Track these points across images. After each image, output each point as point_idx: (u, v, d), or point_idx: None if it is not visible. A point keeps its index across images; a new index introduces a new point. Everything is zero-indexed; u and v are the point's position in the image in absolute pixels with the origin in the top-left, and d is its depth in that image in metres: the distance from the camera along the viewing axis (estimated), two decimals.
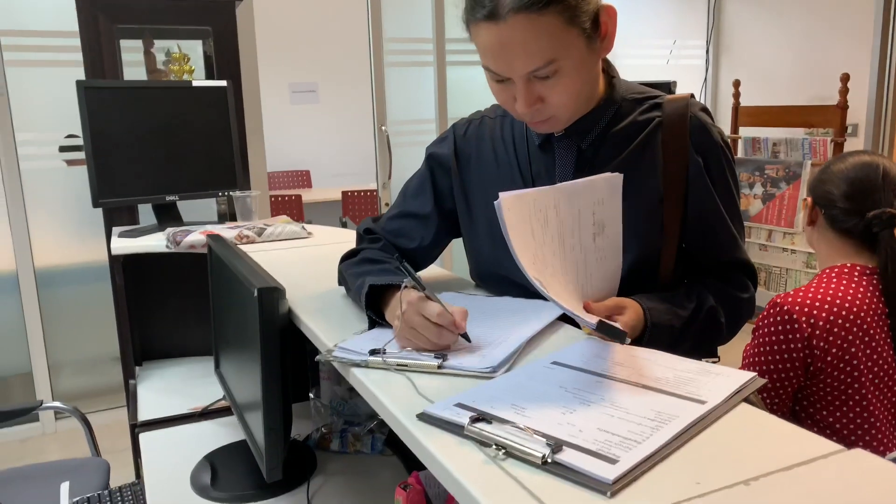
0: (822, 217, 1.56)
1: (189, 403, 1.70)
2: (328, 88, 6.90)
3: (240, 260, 1.32)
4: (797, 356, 1.45)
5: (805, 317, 1.44)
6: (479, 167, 1.20)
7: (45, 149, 3.13)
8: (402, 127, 3.87)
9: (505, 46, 0.96)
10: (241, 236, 1.75)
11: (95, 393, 3.41)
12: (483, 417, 0.72)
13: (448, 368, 0.87)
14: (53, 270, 3.25)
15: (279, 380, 1.13)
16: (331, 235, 1.89)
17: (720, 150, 1.11)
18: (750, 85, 4.33)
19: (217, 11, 2.18)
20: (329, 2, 6.71)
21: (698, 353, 1.18)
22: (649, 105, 1.12)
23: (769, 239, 4.04)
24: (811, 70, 4.17)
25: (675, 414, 0.72)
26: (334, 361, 0.95)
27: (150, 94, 1.94)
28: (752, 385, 0.80)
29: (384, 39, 3.73)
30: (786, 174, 3.91)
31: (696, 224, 1.11)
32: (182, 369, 1.97)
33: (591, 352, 0.91)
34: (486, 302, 1.15)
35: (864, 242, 1.52)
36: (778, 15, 4.33)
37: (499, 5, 0.94)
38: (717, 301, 1.11)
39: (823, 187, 1.56)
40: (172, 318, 2.07)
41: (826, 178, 1.56)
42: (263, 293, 1.10)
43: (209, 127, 1.99)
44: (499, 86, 1.03)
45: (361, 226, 1.29)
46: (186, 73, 2.28)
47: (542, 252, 0.89)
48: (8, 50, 2.98)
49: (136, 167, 1.92)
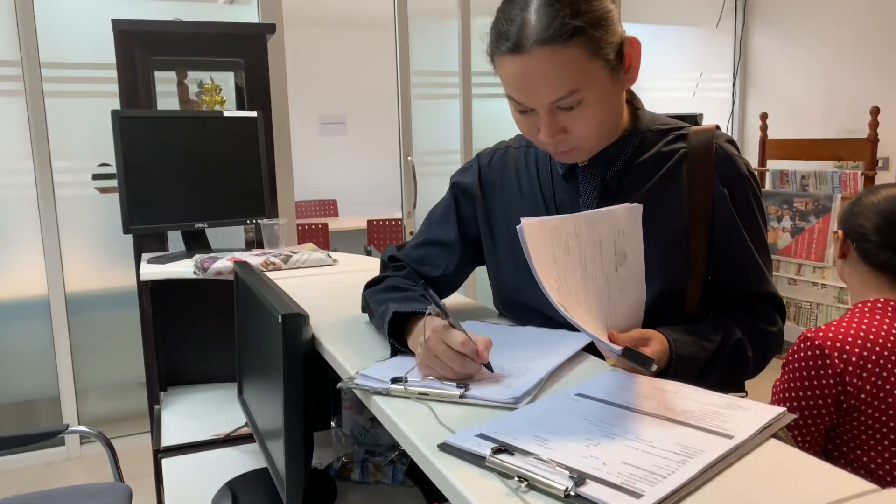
0: (853, 250, 1.54)
1: (212, 430, 1.70)
2: (356, 120, 7.00)
3: (265, 286, 1.33)
4: (829, 392, 1.41)
5: (837, 352, 1.41)
6: (503, 196, 1.21)
7: (80, 176, 3.21)
8: (428, 157, 3.91)
9: (528, 77, 0.97)
10: (267, 263, 1.77)
11: (121, 418, 3.44)
12: (505, 449, 0.71)
13: (470, 398, 0.87)
14: (84, 296, 3.31)
15: (301, 407, 1.13)
16: (355, 263, 1.90)
17: (746, 182, 1.10)
18: (778, 117, 4.30)
19: (248, 44, 2.23)
20: (358, 36, 6.85)
21: (725, 388, 1.16)
22: (674, 136, 1.12)
23: (799, 273, 3.98)
24: (840, 103, 4.14)
25: (702, 448, 0.70)
26: (356, 389, 0.95)
27: (182, 124, 1.98)
28: (781, 420, 0.78)
29: (411, 72, 3.78)
30: (815, 207, 3.85)
31: (723, 256, 1.10)
32: (206, 395, 1.98)
33: (616, 384, 0.90)
34: (510, 331, 1.15)
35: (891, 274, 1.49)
36: (805, 48, 4.31)
37: (523, 38, 0.95)
38: (743, 334, 1.09)
39: (855, 220, 1.53)
40: (198, 344, 2.08)
41: (857, 210, 1.54)
42: (287, 319, 1.10)
43: (239, 156, 2.03)
44: (523, 116, 1.03)
45: (386, 253, 1.30)
46: (218, 103, 2.33)
47: (565, 278, 0.89)
48: (48, 81, 3.07)
49: (166, 194, 1.96)
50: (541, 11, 0.95)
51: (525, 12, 0.96)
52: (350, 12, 6.28)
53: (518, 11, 0.97)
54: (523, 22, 0.95)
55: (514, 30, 0.96)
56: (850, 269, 1.56)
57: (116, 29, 2.14)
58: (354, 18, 6.51)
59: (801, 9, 4.31)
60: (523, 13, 0.96)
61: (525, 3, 0.96)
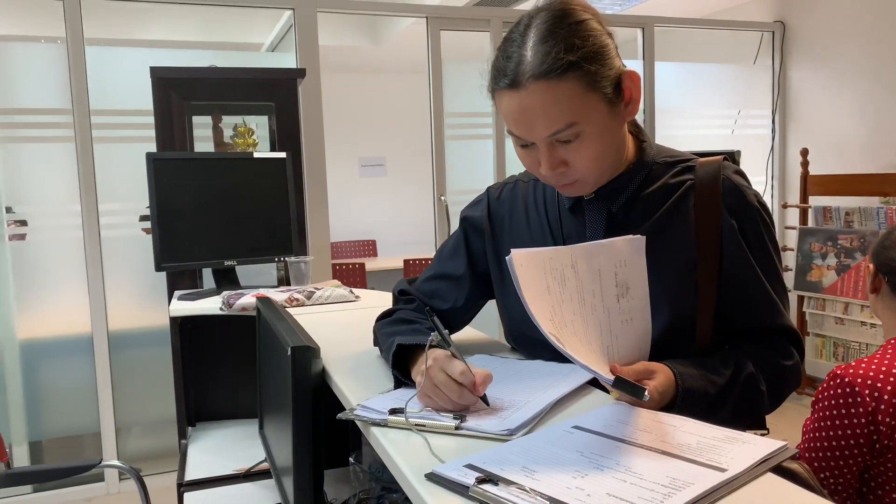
0: (885, 285, 1.49)
1: (234, 465, 1.72)
2: (395, 161, 7.12)
3: (282, 321, 1.35)
4: (861, 432, 1.35)
5: (868, 389, 1.35)
6: (511, 230, 1.21)
7: (124, 218, 3.33)
8: (462, 197, 3.94)
9: (526, 112, 0.98)
10: (291, 299, 1.80)
11: (158, 455, 3.49)
12: (490, 479, 0.70)
13: (465, 430, 0.86)
14: (125, 333, 3.40)
15: (311, 439, 1.14)
16: (378, 299, 1.92)
17: (755, 212, 1.08)
18: (819, 153, 4.22)
19: (279, 88, 2.31)
20: (395, 80, 7.01)
21: (741, 424, 1.12)
22: (681, 168, 1.11)
23: (846, 312, 3.84)
24: (883, 137, 4.04)
25: (691, 481, 0.68)
26: (356, 420, 0.95)
27: (213, 165, 2.06)
28: (780, 454, 0.75)
29: (445, 114, 3.85)
30: (861, 244, 3.74)
31: (732, 288, 1.07)
32: (233, 431, 2.00)
33: (615, 417, 0.88)
34: (517, 365, 1.14)
35: None
36: (845, 81, 4.24)
37: (519, 73, 0.97)
38: (757, 368, 1.06)
39: (887, 254, 1.49)
40: (226, 379, 2.12)
41: (889, 244, 1.49)
42: (296, 351, 1.12)
43: (268, 195, 2.09)
44: (524, 150, 1.05)
45: (397, 287, 1.31)
46: (251, 145, 2.41)
47: (560, 310, 0.88)
48: (96, 128, 3.23)
49: (197, 233, 2.02)
50: (536, 48, 0.97)
51: (522, 49, 0.98)
52: (386, 59, 6.45)
53: (515, 49, 0.99)
54: (520, 58, 0.97)
55: (511, 66, 0.98)
56: (882, 304, 1.51)
57: (154, 76, 2.24)
58: (391, 65, 6.68)
59: (840, 43, 4.26)
60: (520, 50, 0.98)
61: (522, 41, 0.99)
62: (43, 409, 3.33)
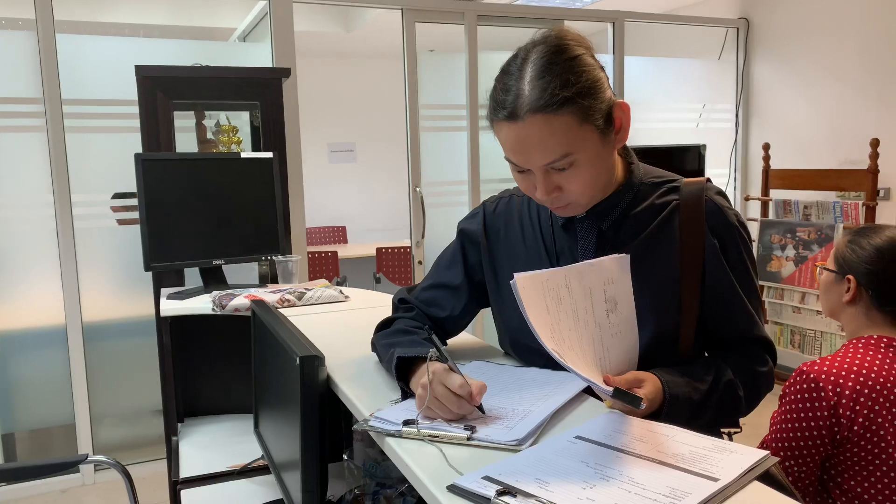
0: (867, 297, 1.57)
1: (229, 461, 1.76)
2: (364, 147, 7.13)
3: (282, 326, 1.40)
4: (823, 424, 1.47)
5: (831, 385, 1.47)
6: (507, 242, 1.28)
7: (98, 209, 3.31)
8: (436, 188, 3.99)
9: (523, 142, 1.05)
10: (282, 300, 1.84)
11: (135, 445, 3.50)
12: (509, 490, 0.77)
13: (476, 440, 0.93)
14: (100, 325, 3.39)
15: (318, 443, 1.20)
16: (366, 299, 1.98)
17: (736, 232, 1.16)
18: (780, 148, 4.38)
19: (265, 87, 2.33)
20: (368, 66, 6.99)
21: (719, 424, 1.22)
22: (667, 188, 1.19)
23: (802, 301, 4.02)
24: (842, 134, 4.21)
25: (689, 491, 0.76)
26: (371, 431, 1.01)
27: (201, 166, 2.08)
28: (765, 463, 0.84)
29: (420, 105, 3.88)
30: (818, 237, 3.91)
31: (714, 303, 1.16)
32: (223, 427, 2.04)
33: (612, 426, 0.96)
34: (514, 372, 1.21)
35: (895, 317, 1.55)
36: (807, 79, 4.40)
37: (517, 107, 1.03)
38: (735, 375, 1.15)
39: (869, 267, 1.56)
40: (214, 376, 2.15)
41: (870, 258, 1.55)
42: (305, 361, 1.17)
43: (255, 195, 2.11)
44: (521, 175, 1.12)
45: (397, 296, 1.37)
46: (234, 143, 2.42)
47: (558, 327, 0.96)
48: (69, 117, 3.19)
49: (186, 233, 2.05)
50: (534, 83, 1.03)
51: (520, 83, 1.04)
52: (357, 45, 6.43)
53: (514, 82, 1.05)
54: (518, 92, 1.03)
55: (509, 99, 1.04)
56: (855, 311, 1.60)
57: (140, 75, 2.24)
58: (362, 51, 6.66)
59: (802, 42, 4.41)
60: (518, 84, 1.04)
61: (520, 75, 1.05)
62: (16, 401, 3.31)
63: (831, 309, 1.66)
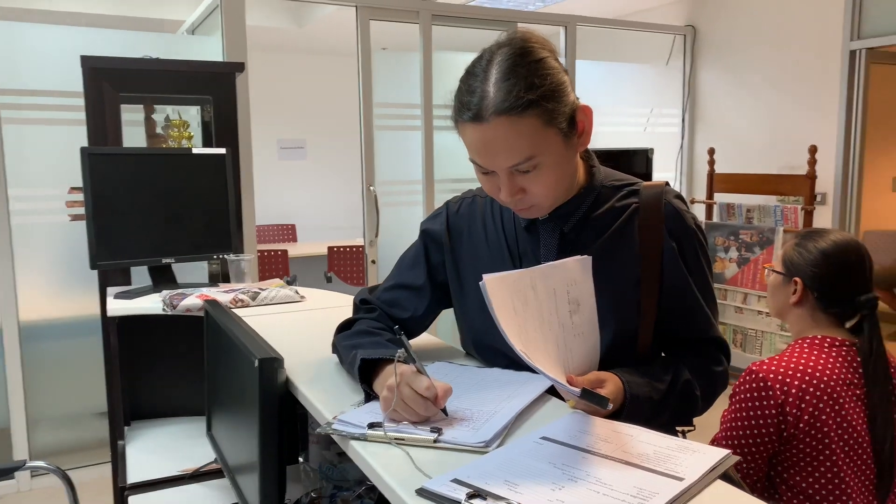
0: (813, 299, 1.63)
1: (179, 465, 1.72)
2: (315, 144, 7.04)
3: (238, 327, 1.37)
4: (771, 422, 1.52)
5: (779, 384, 1.52)
6: (470, 243, 1.28)
7: (38, 204, 3.18)
8: (390, 187, 3.97)
9: (488, 144, 1.05)
10: (235, 300, 1.80)
11: (75, 449, 3.37)
12: (479, 493, 0.77)
13: (443, 442, 0.93)
14: (39, 324, 3.25)
15: (276, 446, 1.18)
16: (322, 299, 1.95)
17: (693, 235, 1.19)
18: (724, 153, 4.51)
19: (218, 82, 2.27)
20: (318, 63, 6.91)
21: (675, 422, 1.24)
22: (627, 192, 1.21)
23: (744, 302, 4.15)
24: (782, 140, 4.36)
25: (656, 491, 0.77)
26: (334, 434, 1.00)
27: (151, 161, 2.01)
28: (726, 462, 0.86)
29: (374, 104, 3.85)
30: (759, 239, 4.04)
31: (671, 303, 1.18)
32: (171, 430, 1.98)
33: (576, 427, 0.97)
34: (477, 373, 1.21)
35: (838, 318, 1.61)
36: (749, 88, 4.54)
37: (482, 108, 1.03)
38: (692, 375, 1.18)
39: (814, 270, 1.61)
40: (161, 377, 2.09)
41: (816, 260, 1.60)
42: (264, 363, 1.15)
43: (207, 192, 2.06)
44: (485, 177, 1.12)
45: (358, 296, 1.36)
46: (185, 138, 2.36)
47: (525, 328, 0.96)
48: (5, 108, 3.05)
49: (134, 230, 1.98)
50: (498, 85, 1.03)
51: (485, 85, 1.04)
52: (309, 41, 6.35)
53: (478, 84, 1.05)
54: (483, 94, 1.03)
55: (474, 101, 1.04)
56: (801, 312, 1.66)
57: (86, 66, 2.15)
58: (314, 47, 6.59)
59: (746, 51, 4.55)
60: (483, 85, 1.04)
61: (484, 77, 1.04)
62: None
63: (778, 310, 1.72)
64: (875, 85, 3.93)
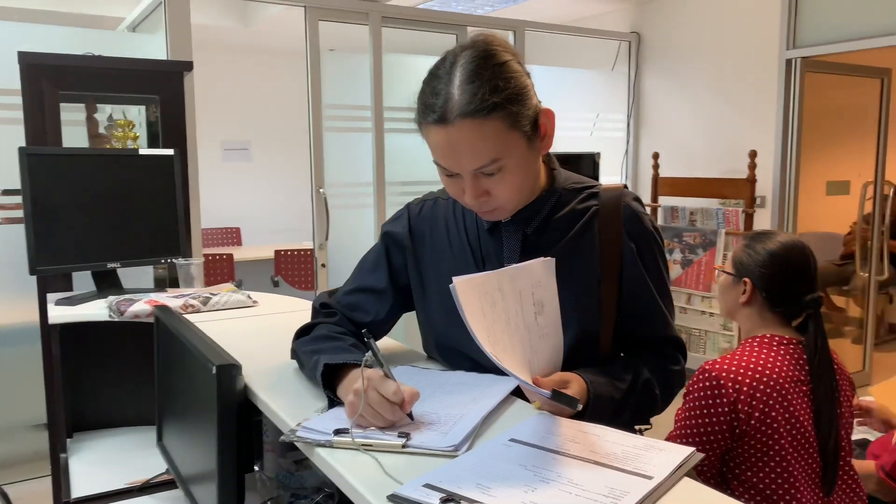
0: (761, 298, 1.68)
1: (127, 478, 1.65)
2: (260, 145, 6.92)
3: (193, 333, 1.33)
4: (724, 419, 1.56)
5: (731, 382, 1.56)
6: (432, 245, 1.27)
7: None
8: (340, 189, 3.93)
9: (453, 147, 1.05)
10: (186, 306, 1.75)
11: (10, 463, 3.21)
12: (451, 498, 0.77)
13: (412, 447, 0.92)
14: None
15: (235, 455, 1.15)
16: (275, 304, 1.91)
17: (651, 237, 1.21)
18: (668, 157, 4.63)
19: (165, 81, 2.20)
20: (264, 63, 6.80)
21: (635, 421, 1.26)
22: (587, 194, 1.22)
23: (688, 302, 4.26)
24: (723, 145, 4.50)
25: (627, 490, 0.78)
26: (298, 441, 0.97)
27: (95, 161, 1.94)
28: (691, 460, 0.87)
29: (324, 105, 3.81)
30: (702, 241, 4.16)
31: (631, 304, 1.20)
32: (116, 441, 1.91)
33: (543, 428, 0.97)
34: (440, 376, 1.20)
35: (785, 317, 1.66)
36: (692, 94, 4.67)
37: (447, 111, 1.03)
38: (651, 373, 1.20)
39: (763, 271, 1.66)
40: (106, 387, 2.01)
41: (764, 261, 1.66)
42: (222, 370, 1.12)
43: (154, 194, 2.00)
44: (449, 179, 1.11)
45: (317, 300, 1.33)
46: (131, 139, 2.28)
47: (493, 329, 0.96)
48: None
49: (77, 234, 1.90)
50: (463, 87, 1.03)
51: (449, 87, 1.04)
52: (255, 41, 6.24)
53: (443, 86, 1.04)
54: (447, 96, 1.03)
55: (439, 103, 1.04)
56: (750, 311, 1.71)
57: (24, 62, 2.06)
58: (259, 47, 6.47)
59: (688, 58, 4.68)
60: (448, 88, 1.04)
61: (449, 79, 1.04)
62: None
63: (728, 309, 1.76)
64: (810, 93, 4.10)
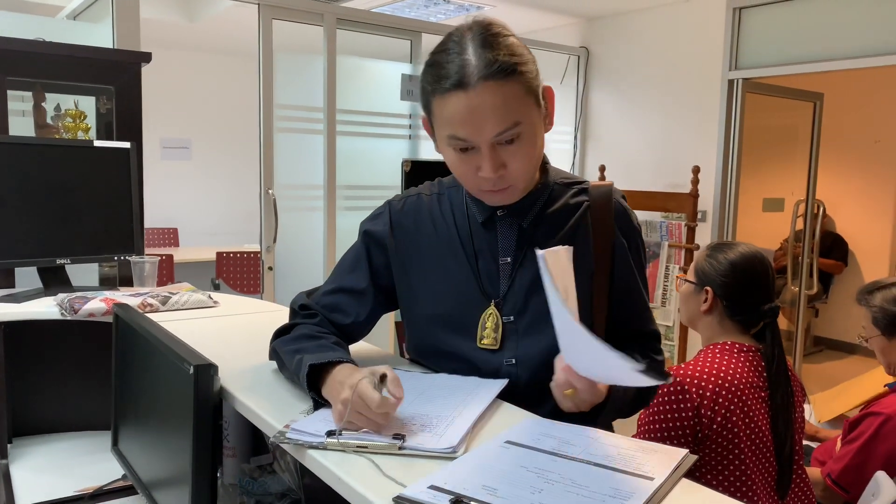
0: (722, 307, 1.73)
1: (76, 485, 1.57)
2: (201, 144, 6.74)
3: (161, 332, 1.28)
4: (687, 423, 1.59)
5: (695, 388, 1.60)
6: (418, 241, 1.25)
7: None
8: (290, 191, 3.86)
9: (475, 111, 1.03)
10: (144, 304, 1.68)
11: None
12: (461, 499, 0.76)
13: (408, 449, 0.90)
14: None
15: (210, 459, 1.10)
16: (237, 305, 1.85)
17: (638, 234, 1.25)
18: (614, 170, 4.74)
19: (121, 71, 2.11)
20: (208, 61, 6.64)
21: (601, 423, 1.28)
22: (577, 190, 1.24)
23: None
24: (667, 160, 4.64)
25: (631, 491, 0.79)
26: (288, 444, 0.94)
27: (44, 152, 1.84)
28: (686, 461, 0.89)
29: (275, 105, 3.74)
30: (647, 253, 4.27)
31: (622, 298, 1.22)
32: (62, 446, 1.81)
33: (538, 430, 0.97)
34: (423, 379, 1.19)
35: (744, 326, 1.72)
36: (637, 109, 4.81)
37: (466, 75, 1.02)
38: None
39: (724, 280, 1.71)
40: (49, 389, 1.91)
41: (725, 271, 1.71)
42: (200, 370, 1.08)
43: (108, 188, 1.91)
44: (463, 156, 1.09)
45: (296, 301, 1.29)
46: (82, 130, 2.18)
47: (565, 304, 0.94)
48: None
49: (23, 227, 1.80)
50: (479, 52, 1.03)
51: (464, 55, 1.04)
52: (200, 38, 6.08)
53: (455, 56, 1.04)
54: (463, 62, 1.03)
55: (454, 69, 1.03)
56: (710, 319, 1.76)
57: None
58: (203, 44, 6.32)
59: (635, 74, 4.81)
60: (461, 56, 1.04)
61: (461, 49, 1.04)
62: None
63: (690, 317, 1.81)
64: (750, 113, 4.27)
